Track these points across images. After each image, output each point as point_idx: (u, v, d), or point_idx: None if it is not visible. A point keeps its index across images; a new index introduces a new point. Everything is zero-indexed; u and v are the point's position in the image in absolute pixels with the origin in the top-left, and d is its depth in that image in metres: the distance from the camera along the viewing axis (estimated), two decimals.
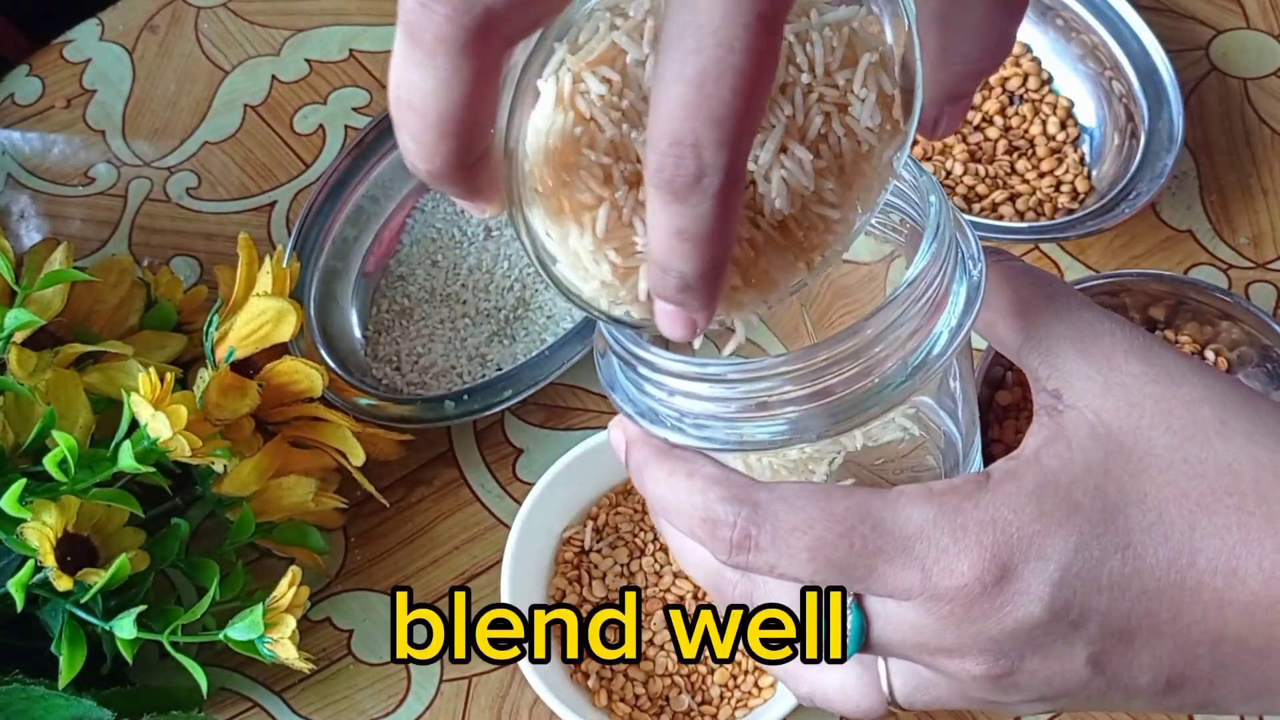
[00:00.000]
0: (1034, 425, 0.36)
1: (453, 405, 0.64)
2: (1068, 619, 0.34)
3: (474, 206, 0.34)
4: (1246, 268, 0.69)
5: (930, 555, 0.34)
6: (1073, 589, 0.33)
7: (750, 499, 0.35)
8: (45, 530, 0.52)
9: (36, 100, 0.78)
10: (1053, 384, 0.36)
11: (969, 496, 0.34)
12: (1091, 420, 0.35)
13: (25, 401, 0.56)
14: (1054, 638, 0.34)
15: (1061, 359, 0.36)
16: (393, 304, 0.70)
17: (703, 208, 0.29)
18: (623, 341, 0.36)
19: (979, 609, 0.34)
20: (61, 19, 0.80)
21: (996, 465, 0.35)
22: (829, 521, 0.34)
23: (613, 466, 0.62)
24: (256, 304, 0.58)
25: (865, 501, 0.34)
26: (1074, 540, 0.33)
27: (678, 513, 0.37)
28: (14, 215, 0.74)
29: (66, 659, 0.54)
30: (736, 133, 0.28)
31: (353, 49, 0.78)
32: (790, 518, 0.35)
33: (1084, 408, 0.35)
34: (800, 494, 0.35)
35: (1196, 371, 0.35)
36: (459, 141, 0.31)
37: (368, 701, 0.61)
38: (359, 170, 0.71)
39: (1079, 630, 0.34)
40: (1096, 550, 0.33)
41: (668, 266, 0.31)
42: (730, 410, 0.35)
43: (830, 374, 0.34)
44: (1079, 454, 0.34)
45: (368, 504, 0.64)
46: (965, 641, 0.34)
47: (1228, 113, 0.74)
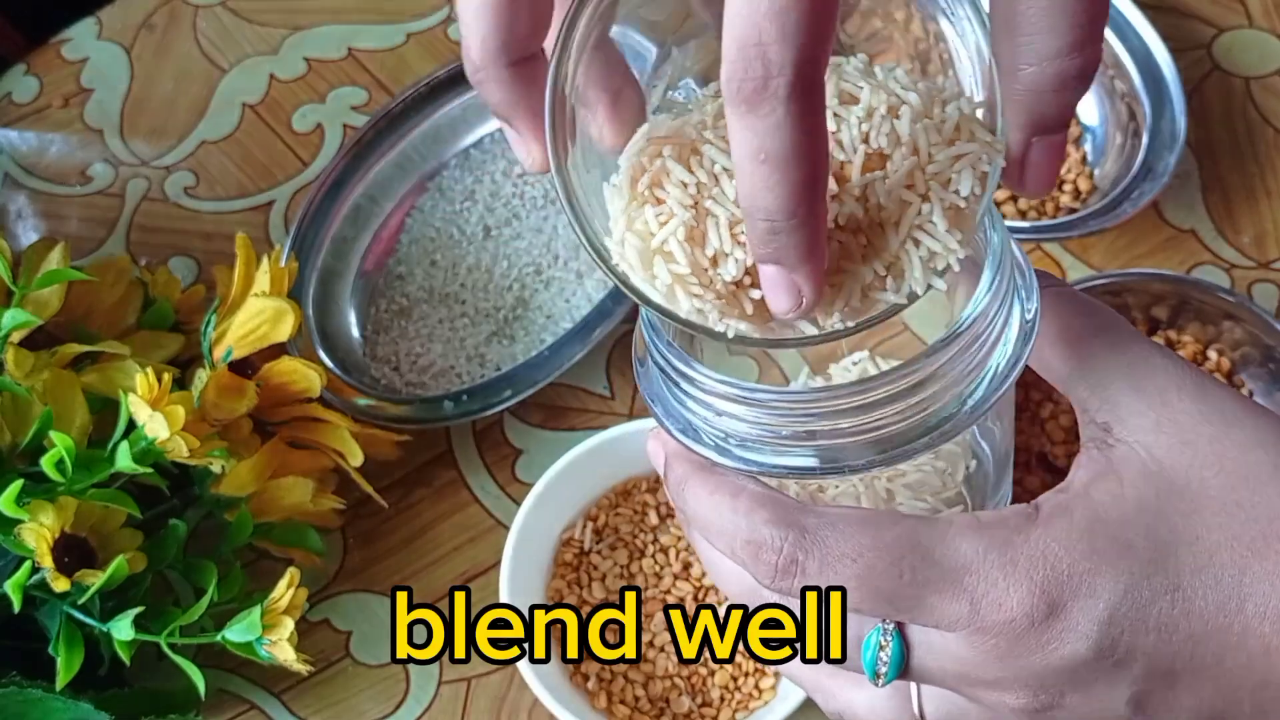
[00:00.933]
0: (1083, 457, 0.36)
1: (451, 405, 0.64)
2: (1113, 658, 0.34)
3: (519, 142, 0.34)
4: (1249, 267, 0.69)
5: (979, 588, 0.34)
6: (1120, 628, 0.33)
7: (797, 523, 0.35)
8: (42, 531, 0.52)
9: (34, 99, 0.78)
10: (1103, 417, 0.35)
11: (1019, 530, 0.34)
12: (1143, 457, 0.34)
13: (22, 402, 0.55)
14: (1097, 676, 0.34)
15: (1113, 392, 0.35)
16: (391, 304, 0.69)
17: (776, 115, 0.28)
18: (668, 357, 0.35)
19: (1025, 644, 0.34)
20: (59, 17, 0.80)
21: (1045, 498, 0.35)
22: (878, 550, 0.34)
23: (612, 467, 0.62)
24: (254, 304, 0.58)
25: (914, 531, 0.34)
26: (1124, 580, 0.33)
27: (720, 533, 0.36)
28: (11, 215, 0.74)
29: (64, 660, 0.53)
30: (804, 27, 0.27)
31: (351, 48, 0.78)
32: (839, 545, 0.34)
33: (1135, 443, 0.35)
34: (849, 520, 0.34)
35: (1250, 413, 0.35)
36: (503, 18, 0.31)
37: (366, 703, 0.61)
38: (358, 169, 0.71)
39: (1123, 670, 0.34)
40: (1146, 591, 0.33)
41: (753, 205, 0.30)
42: (778, 436, 0.35)
43: (884, 408, 0.34)
44: (1130, 491, 0.34)
45: (366, 505, 0.63)
46: (1007, 675, 0.34)
47: (1230, 112, 0.73)
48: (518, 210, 0.71)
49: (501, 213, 0.71)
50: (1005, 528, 0.34)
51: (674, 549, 0.61)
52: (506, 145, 0.72)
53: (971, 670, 0.35)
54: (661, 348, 0.35)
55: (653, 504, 0.62)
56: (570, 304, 0.68)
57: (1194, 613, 0.33)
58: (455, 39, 0.78)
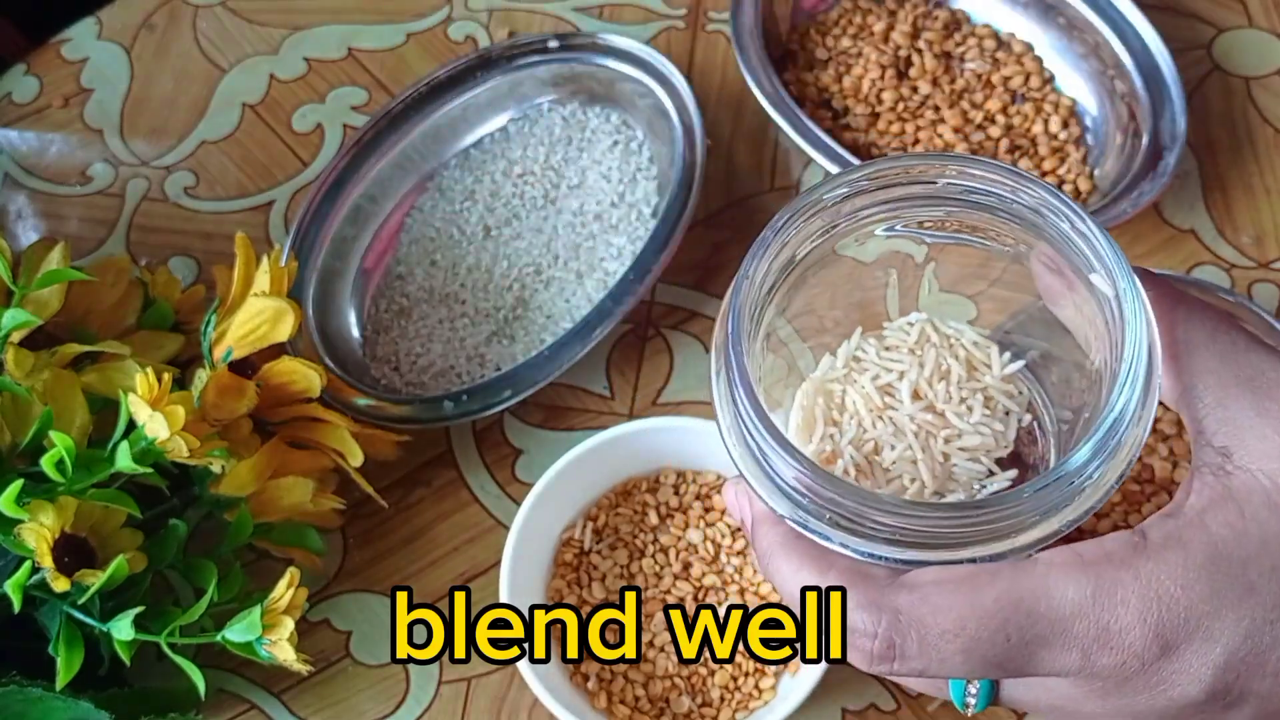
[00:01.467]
0: (1195, 482, 0.33)
1: (451, 405, 0.64)
2: (1224, 701, 0.32)
3: None
4: (1249, 267, 0.69)
5: (1089, 634, 0.32)
6: (1236, 673, 0.31)
7: (890, 605, 0.33)
8: (42, 531, 0.52)
9: (34, 99, 0.78)
10: (1221, 440, 0.33)
11: (1126, 565, 0.32)
12: (1267, 486, 0.32)
13: (22, 402, 0.55)
14: (1205, 718, 0.32)
15: (1232, 412, 0.33)
16: (391, 304, 0.69)
17: None
18: (779, 453, 0.34)
19: (1133, 685, 0.32)
20: (59, 17, 0.80)
21: (1152, 524, 0.33)
22: (980, 619, 0.32)
23: (612, 467, 0.62)
24: (254, 304, 0.58)
25: (1015, 586, 0.32)
26: (1245, 625, 0.31)
27: None
28: (11, 215, 0.74)
29: (64, 660, 0.53)
30: None
31: (351, 48, 0.78)
32: (938, 621, 0.32)
33: (1258, 471, 0.32)
34: (943, 589, 0.32)
35: None
36: None
37: (366, 703, 0.61)
38: (357, 169, 0.71)
39: (1233, 711, 0.32)
40: (1269, 636, 0.31)
41: None
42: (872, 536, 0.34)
43: (978, 531, 0.33)
44: (1253, 526, 0.32)
45: (366, 505, 0.63)
46: (1108, 711, 0.33)
47: (1230, 112, 0.73)
48: (518, 210, 0.71)
49: (501, 213, 0.71)
50: (1111, 563, 0.32)
51: (674, 549, 0.61)
52: (506, 145, 0.72)
53: (1069, 705, 0.33)
54: (759, 425, 0.34)
55: (653, 504, 0.62)
56: (570, 304, 0.68)
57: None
58: (455, 39, 0.78)
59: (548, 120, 0.73)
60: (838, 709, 0.59)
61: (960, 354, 0.38)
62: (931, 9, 0.74)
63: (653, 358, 0.68)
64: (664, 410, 0.67)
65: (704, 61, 0.76)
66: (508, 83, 0.73)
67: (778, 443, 0.34)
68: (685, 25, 0.78)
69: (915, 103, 0.71)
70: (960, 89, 0.71)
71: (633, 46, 0.71)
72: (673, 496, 0.62)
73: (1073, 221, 0.35)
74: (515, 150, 0.72)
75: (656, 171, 0.70)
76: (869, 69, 0.71)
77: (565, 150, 0.72)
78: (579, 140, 0.72)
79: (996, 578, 0.32)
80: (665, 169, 0.70)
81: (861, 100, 0.71)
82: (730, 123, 0.74)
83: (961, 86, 0.72)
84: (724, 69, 0.76)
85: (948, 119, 0.70)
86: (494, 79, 0.73)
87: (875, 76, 0.71)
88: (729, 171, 0.73)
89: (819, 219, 0.37)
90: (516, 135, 0.73)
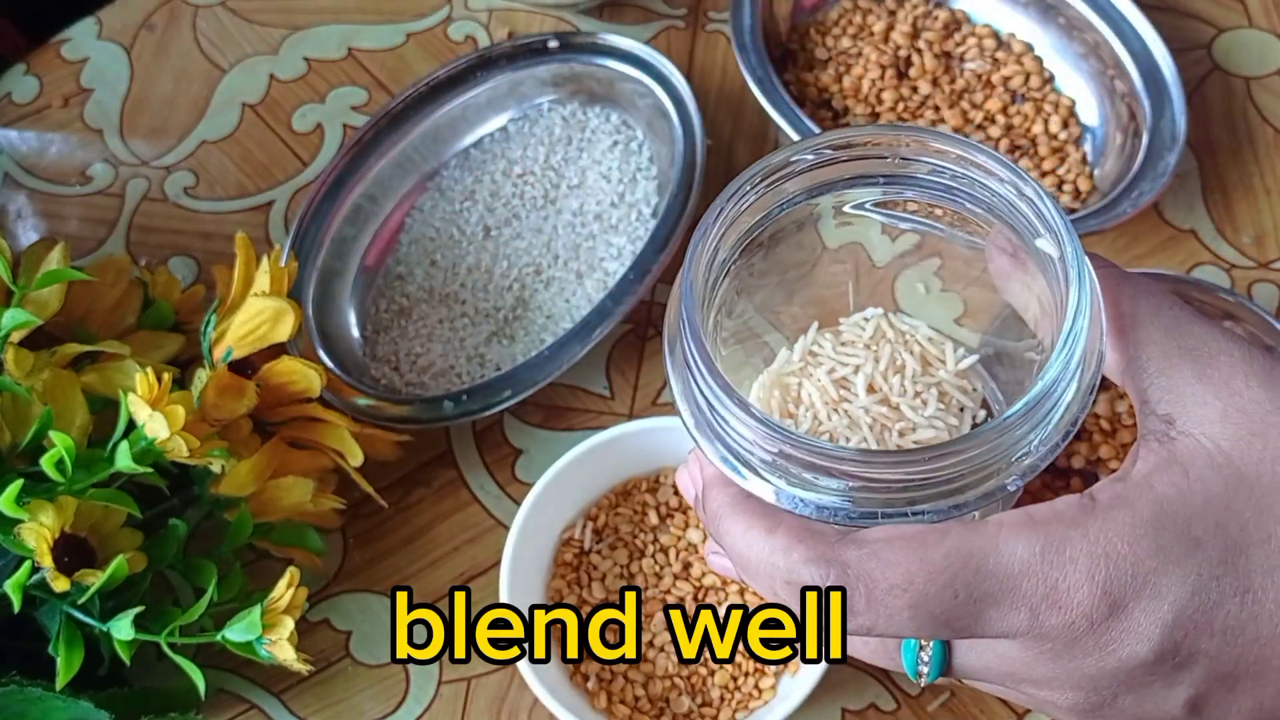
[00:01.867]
0: (1141, 449, 0.33)
1: (451, 405, 0.64)
2: (1173, 660, 0.32)
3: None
4: (1249, 267, 0.69)
5: (1038, 593, 0.32)
6: (1184, 631, 0.32)
7: (838, 558, 0.33)
8: (42, 531, 0.51)
9: (34, 99, 0.78)
10: (1164, 408, 0.33)
11: (1076, 524, 0.32)
12: (1209, 449, 0.32)
13: (22, 402, 0.55)
14: (1155, 679, 0.32)
15: (1174, 381, 0.33)
16: (391, 304, 0.69)
17: None
18: (728, 406, 0.34)
19: (1082, 645, 0.32)
20: (59, 17, 0.80)
21: (1101, 487, 0.33)
22: (929, 574, 0.32)
23: (612, 467, 0.62)
24: (254, 304, 0.58)
25: (964, 543, 0.32)
26: (1192, 581, 0.31)
27: (757, 573, 0.35)
28: (11, 215, 0.74)
29: (64, 660, 0.53)
30: None
31: (351, 47, 0.78)
32: (886, 576, 0.32)
33: (1201, 435, 0.33)
34: (893, 545, 0.33)
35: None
36: None
37: (366, 703, 0.61)
38: (357, 169, 0.71)
39: (1183, 672, 0.32)
40: (1214, 593, 0.31)
41: None
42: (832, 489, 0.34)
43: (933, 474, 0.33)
44: (1197, 484, 0.32)
45: (366, 505, 0.63)
46: (1059, 675, 0.33)
47: (1230, 112, 0.73)
48: (518, 210, 0.71)
49: (501, 213, 0.71)
50: (1061, 523, 0.32)
51: (674, 549, 0.61)
52: (506, 145, 0.72)
53: (1020, 670, 0.33)
54: (710, 380, 0.35)
55: (653, 504, 0.62)
56: (570, 304, 0.68)
57: (1263, 615, 0.32)
58: (455, 39, 0.78)
59: (548, 120, 0.73)
60: (838, 709, 0.59)
61: (915, 349, 0.38)
62: (931, 9, 0.74)
63: (652, 358, 0.68)
64: (664, 410, 0.67)
65: (704, 61, 0.76)
66: (508, 83, 0.73)
67: (725, 393, 0.34)
68: (685, 25, 0.78)
69: (915, 103, 0.71)
70: (960, 89, 0.71)
71: (633, 46, 0.71)
72: (673, 496, 0.62)
73: (1018, 186, 0.35)
74: (515, 150, 0.72)
75: (656, 171, 0.70)
76: (869, 69, 0.71)
77: (565, 150, 0.72)
78: (579, 140, 0.72)
79: (946, 535, 0.32)
80: (665, 169, 0.70)
81: (861, 100, 0.71)
82: (730, 123, 0.74)
83: (961, 86, 0.72)
84: (724, 69, 0.76)
85: (948, 119, 0.70)
86: (494, 79, 0.73)
87: (875, 76, 0.71)
88: (729, 171, 0.73)
89: (777, 186, 0.37)
90: (516, 135, 0.73)
